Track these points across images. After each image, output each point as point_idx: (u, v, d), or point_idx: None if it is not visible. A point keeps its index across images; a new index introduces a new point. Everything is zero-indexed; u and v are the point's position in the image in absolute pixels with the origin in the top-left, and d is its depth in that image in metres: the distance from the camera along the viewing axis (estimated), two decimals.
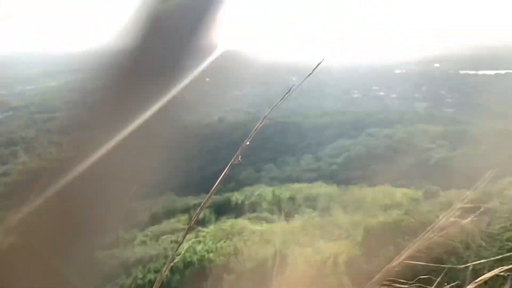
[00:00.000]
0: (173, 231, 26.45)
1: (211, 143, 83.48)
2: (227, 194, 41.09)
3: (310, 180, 58.28)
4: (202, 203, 2.63)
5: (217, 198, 40.52)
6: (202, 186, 63.97)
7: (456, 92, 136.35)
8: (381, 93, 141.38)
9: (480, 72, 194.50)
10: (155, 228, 29.65)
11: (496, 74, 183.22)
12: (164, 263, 13.14)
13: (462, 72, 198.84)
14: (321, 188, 39.56)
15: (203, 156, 76.54)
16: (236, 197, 38.55)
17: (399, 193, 37.06)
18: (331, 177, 56.78)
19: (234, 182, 60.79)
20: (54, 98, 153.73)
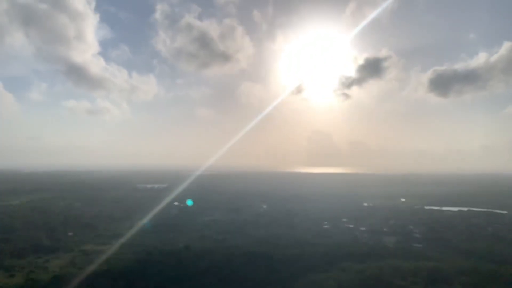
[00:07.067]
0: None
1: (174, 273, 78.22)
2: None
3: None
4: None
5: None
6: None
7: (423, 227, 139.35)
8: (351, 226, 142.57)
9: (444, 208, 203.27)
10: None
11: (459, 210, 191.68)
12: None
13: (427, 207, 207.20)
14: None
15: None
16: None
17: None
18: None
19: None
20: (13, 218, 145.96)
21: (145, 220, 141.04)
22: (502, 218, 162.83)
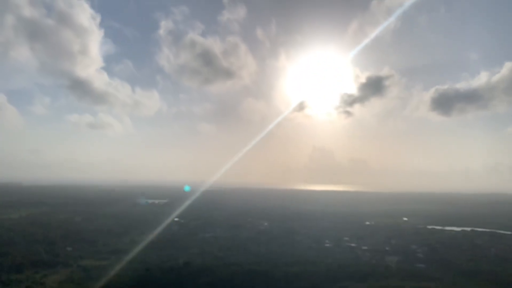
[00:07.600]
0: None
1: None
2: None
3: None
4: None
5: None
6: None
7: (426, 246, 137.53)
8: (352, 244, 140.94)
9: (447, 228, 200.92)
10: None
11: (462, 230, 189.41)
12: None
13: (429, 227, 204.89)
14: None
15: None
16: None
17: None
18: None
19: None
20: (11, 231, 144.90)
21: (145, 236, 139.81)
22: (506, 239, 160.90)
